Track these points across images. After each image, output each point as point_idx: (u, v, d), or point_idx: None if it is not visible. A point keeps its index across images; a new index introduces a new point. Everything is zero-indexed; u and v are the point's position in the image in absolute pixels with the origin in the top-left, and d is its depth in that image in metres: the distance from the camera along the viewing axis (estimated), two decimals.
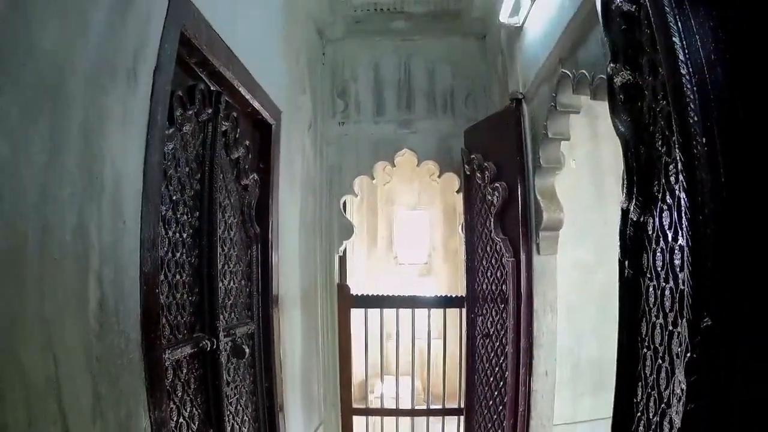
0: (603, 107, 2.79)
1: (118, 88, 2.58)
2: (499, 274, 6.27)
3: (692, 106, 1.66)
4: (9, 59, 1.87)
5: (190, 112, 3.66)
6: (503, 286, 6.14)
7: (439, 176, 8.20)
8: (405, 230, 13.91)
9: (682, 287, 1.83)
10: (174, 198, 3.50)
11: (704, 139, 1.63)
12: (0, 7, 1.82)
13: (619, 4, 2.32)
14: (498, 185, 6.14)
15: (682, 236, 1.80)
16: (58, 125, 2.15)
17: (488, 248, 6.53)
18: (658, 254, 2.07)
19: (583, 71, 3.98)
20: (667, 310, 1.99)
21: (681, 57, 1.70)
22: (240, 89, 4.30)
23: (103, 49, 2.47)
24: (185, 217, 3.66)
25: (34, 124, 2.00)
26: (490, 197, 6.36)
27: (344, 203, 8.16)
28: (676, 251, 1.91)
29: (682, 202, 1.75)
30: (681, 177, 1.74)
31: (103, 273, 2.42)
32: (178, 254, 3.54)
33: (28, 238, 1.95)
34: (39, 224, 2.01)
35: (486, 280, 6.60)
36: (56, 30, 2.14)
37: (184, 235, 3.64)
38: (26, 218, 1.95)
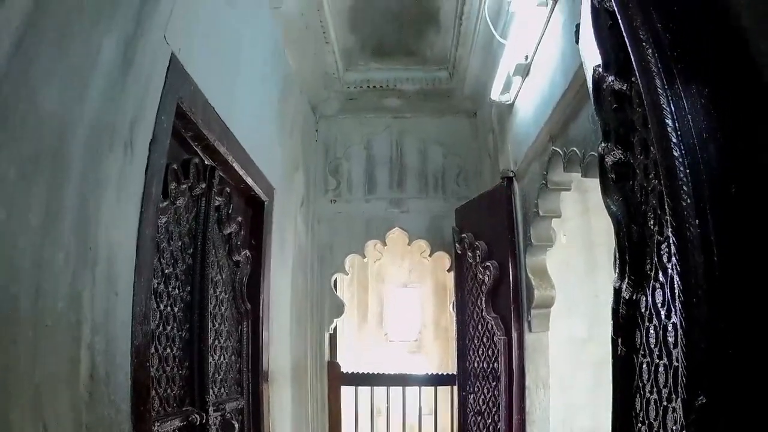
0: (593, 181, 2.81)
1: (114, 158, 2.60)
2: (490, 352, 6.24)
3: (685, 188, 1.66)
4: (10, 116, 1.88)
5: (184, 186, 3.67)
6: (495, 364, 6.10)
7: (430, 255, 8.22)
8: (395, 307, 13.85)
9: (675, 364, 1.81)
10: (166, 271, 3.50)
11: (697, 221, 1.63)
12: (1, 62, 1.83)
13: (611, 82, 2.34)
14: (489, 264, 6.15)
15: (675, 314, 1.79)
16: (55, 190, 2.16)
17: (479, 326, 6.51)
18: (651, 331, 2.06)
19: (574, 149, 4.01)
20: (661, 386, 1.97)
21: (674, 139, 1.71)
22: (234, 165, 4.31)
23: (102, 116, 2.49)
24: (177, 291, 3.65)
25: (32, 186, 2.01)
26: (481, 276, 6.36)
27: (335, 280, 8.15)
28: (669, 329, 1.90)
29: (675, 281, 1.74)
30: (674, 259, 1.74)
31: (94, 343, 2.40)
32: (169, 328, 3.52)
33: (20, 303, 1.94)
34: (32, 289, 2.01)
35: (477, 358, 6.56)
36: (57, 91, 2.16)
37: (176, 309, 3.63)
38: (20, 282, 1.94)
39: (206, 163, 4.03)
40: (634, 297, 2.24)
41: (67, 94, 2.23)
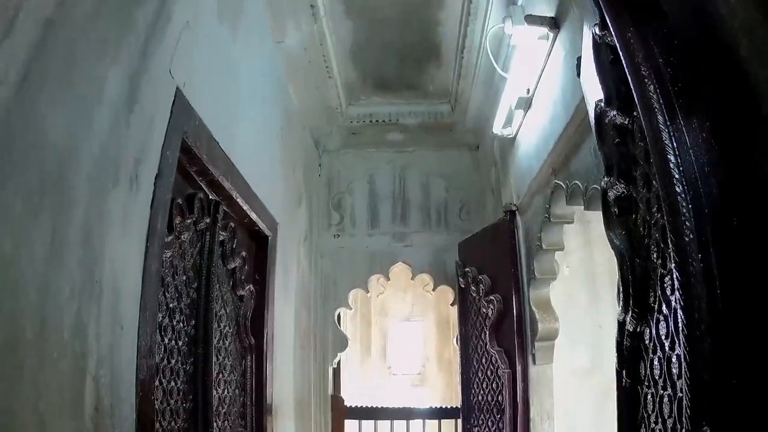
0: (595, 213, 2.81)
1: (119, 192, 2.61)
2: (494, 385, 6.22)
3: (687, 224, 1.67)
4: (17, 147, 1.89)
5: (189, 221, 3.68)
6: (499, 397, 6.08)
7: (434, 289, 8.22)
8: (398, 341, 13.84)
9: (680, 394, 1.82)
10: (171, 305, 3.49)
11: (700, 256, 1.64)
12: (8, 93, 1.84)
13: (613, 117, 2.35)
14: (493, 298, 6.15)
15: (679, 346, 1.80)
16: (60, 223, 2.16)
17: (483, 359, 6.49)
18: (656, 363, 2.06)
19: (577, 182, 4.02)
20: (666, 417, 1.97)
21: (676, 175, 1.72)
22: (238, 200, 4.33)
23: (107, 150, 2.49)
24: (181, 325, 3.65)
25: (37, 218, 2.01)
26: (485, 310, 6.36)
27: (338, 314, 8.14)
28: (673, 360, 1.90)
29: (679, 314, 1.75)
30: (678, 293, 1.75)
31: (100, 375, 2.40)
32: (173, 361, 3.51)
33: (26, 333, 1.94)
34: (38, 320, 2.00)
35: (482, 391, 6.54)
36: (63, 123, 2.17)
37: (180, 343, 3.62)
38: (25, 313, 1.94)
39: (210, 197, 4.04)
40: (638, 329, 2.24)
41: (72, 126, 2.24)
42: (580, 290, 6.17)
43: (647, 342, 2.18)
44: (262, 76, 5.32)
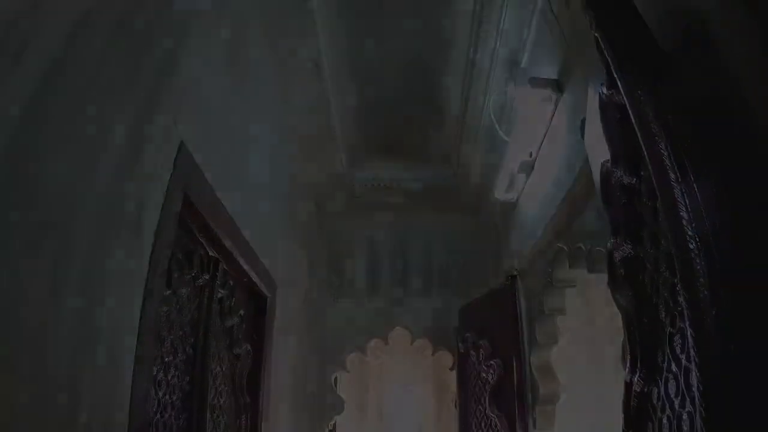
0: (597, 275, 2.78)
1: (120, 241, 2.58)
2: None
3: (702, 280, 1.66)
4: (20, 179, 1.87)
5: (188, 276, 3.65)
6: None
7: (433, 354, 8.17)
8: (396, 404, 13.72)
9: None
10: (166, 360, 3.44)
11: (714, 312, 1.62)
12: (12, 128, 1.82)
13: (619, 176, 2.34)
14: (493, 363, 6.10)
15: (691, 404, 1.77)
16: (60, 267, 2.12)
17: (483, 424, 6.40)
18: (665, 422, 2.03)
19: (580, 245, 4.00)
20: None
21: (689, 232, 1.71)
22: (238, 259, 4.29)
23: (109, 197, 2.47)
24: (176, 380, 3.59)
25: (36, 260, 1.97)
26: (485, 375, 6.29)
27: (335, 377, 8.06)
28: (684, 417, 1.87)
29: (692, 371, 1.73)
30: (691, 351, 1.72)
31: (92, 426, 2.34)
32: (166, 416, 3.44)
33: (19, 378, 1.90)
34: (32, 365, 1.96)
35: None
36: (67, 164, 2.14)
37: (174, 398, 3.56)
38: (19, 357, 1.90)
39: (210, 254, 4.01)
40: (646, 389, 2.21)
41: (76, 168, 2.21)
42: (581, 352, 6.13)
43: (655, 401, 2.15)
44: (266, 135, 5.33)
